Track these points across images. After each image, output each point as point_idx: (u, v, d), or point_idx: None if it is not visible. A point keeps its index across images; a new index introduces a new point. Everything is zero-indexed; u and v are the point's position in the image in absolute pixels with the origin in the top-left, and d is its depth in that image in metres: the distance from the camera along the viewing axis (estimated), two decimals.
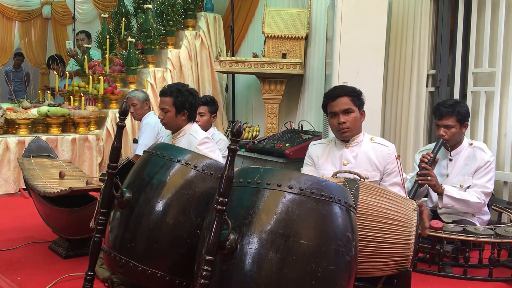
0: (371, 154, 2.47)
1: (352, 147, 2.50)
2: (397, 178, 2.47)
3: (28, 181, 3.07)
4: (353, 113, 2.46)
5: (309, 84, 5.23)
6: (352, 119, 2.45)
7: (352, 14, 3.97)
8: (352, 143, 2.51)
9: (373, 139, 2.53)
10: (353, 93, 2.47)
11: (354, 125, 2.47)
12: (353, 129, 2.48)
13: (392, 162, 2.47)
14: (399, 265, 1.93)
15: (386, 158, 2.46)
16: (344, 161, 2.49)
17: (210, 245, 1.46)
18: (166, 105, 2.81)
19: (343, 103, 2.45)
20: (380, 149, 2.48)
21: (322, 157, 2.57)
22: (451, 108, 3.00)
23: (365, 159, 2.47)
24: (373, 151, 2.48)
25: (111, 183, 1.91)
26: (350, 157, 2.49)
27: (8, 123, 4.77)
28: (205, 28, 6.03)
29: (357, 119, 2.48)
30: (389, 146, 2.50)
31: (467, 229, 2.73)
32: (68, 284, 2.48)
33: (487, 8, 3.80)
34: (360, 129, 2.54)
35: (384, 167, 2.47)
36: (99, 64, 5.85)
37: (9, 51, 8.85)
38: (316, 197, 1.54)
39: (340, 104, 2.45)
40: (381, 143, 2.51)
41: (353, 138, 2.51)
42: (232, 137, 1.50)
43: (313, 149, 2.64)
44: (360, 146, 2.50)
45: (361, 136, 2.53)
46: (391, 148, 2.49)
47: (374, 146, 2.49)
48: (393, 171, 2.47)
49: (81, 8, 8.51)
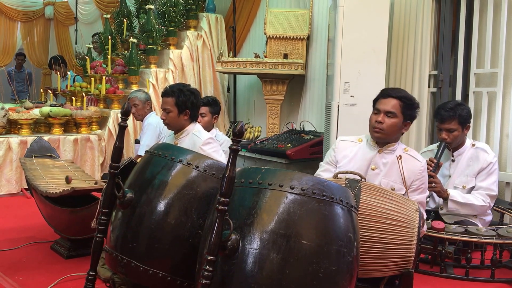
0: (402, 166, 2.34)
1: (385, 153, 2.40)
2: (421, 195, 2.36)
3: (30, 181, 3.08)
4: (395, 119, 2.34)
5: (311, 84, 5.23)
6: (390, 123, 2.34)
7: (354, 14, 3.97)
8: (385, 149, 2.40)
9: (406, 150, 2.41)
10: (406, 100, 2.36)
11: (390, 129, 2.35)
12: (387, 134, 2.36)
13: (421, 179, 2.36)
14: (401, 266, 1.93)
15: (417, 174, 2.35)
16: (373, 165, 2.39)
17: (211, 245, 1.46)
18: (168, 105, 2.81)
19: (390, 105, 2.35)
20: (412, 163, 2.36)
21: (349, 156, 2.45)
22: (452, 112, 2.98)
23: (396, 170, 2.35)
24: (405, 163, 2.35)
25: (113, 183, 1.91)
26: (380, 163, 2.39)
27: (10, 123, 4.78)
28: (207, 29, 6.04)
29: (396, 126, 2.35)
30: (422, 162, 2.38)
31: (469, 230, 2.72)
32: (70, 284, 2.48)
33: (489, 9, 3.79)
34: (396, 138, 2.41)
35: (412, 181, 2.35)
36: (101, 64, 5.86)
37: (11, 51, 8.87)
38: (318, 198, 1.54)
39: (387, 104, 2.36)
40: (415, 156, 2.39)
41: (388, 145, 2.41)
42: (234, 138, 1.50)
43: (342, 146, 2.50)
44: (393, 155, 2.39)
45: (396, 145, 2.42)
46: (423, 164, 2.37)
47: (407, 159, 2.37)
48: (419, 188, 2.36)
49: (83, 8, 8.53)
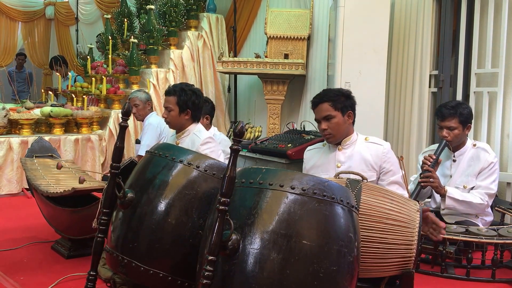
0: (366, 154, 2.43)
1: (345, 149, 2.47)
2: (395, 176, 2.43)
3: (31, 181, 3.08)
4: (334, 119, 2.41)
5: (311, 84, 5.23)
6: (333, 125, 2.41)
7: (355, 14, 3.97)
8: (344, 145, 2.47)
9: (367, 139, 2.49)
10: (333, 97, 2.42)
11: (336, 130, 2.42)
12: (336, 134, 2.44)
13: (388, 160, 2.43)
14: (401, 266, 1.92)
15: (382, 157, 2.42)
16: (337, 163, 2.46)
17: (212, 245, 1.46)
18: (170, 104, 2.82)
19: (323, 110, 2.42)
20: (375, 148, 2.44)
21: (317, 163, 2.54)
22: (453, 110, 2.99)
23: (360, 159, 2.43)
24: (368, 150, 2.44)
25: (113, 183, 1.91)
26: (343, 158, 2.45)
27: (11, 123, 4.78)
28: (208, 29, 6.04)
29: (340, 124, 2.42)
30: (384, 145, 2.45)
31: (470, 230, 2.72)
32: (70, 284, 2.48)
33: (490, 9, 3.79)
34: (349, 131, 2.48)
35: (380, 166, 2.43)
36: (102, 64, 5.87)
37: (12, 51, 8.89)
38: (318, 198, 1.54)
39: (320, 111, 2.43)
40: (376, 142, 2.47)
41: (344, 140, 2.48)
42: (235, 138, 1.50)
43: (308, 155, 2.62)
44: (354, 147, 2.46)
45: (354, 136, 2.49)
46: (386, 147, 2.45)
47: (368, 146, 2.45)
48: (390, 170, 2.43)
49: (84, 8, 8.54)
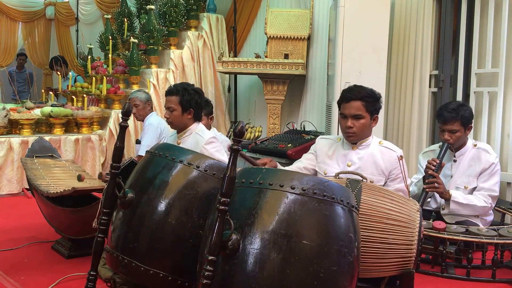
0: (378, 158, 2.41)
1: (359, 149, 2.45)
2: (401, 184, 2.42)
3: (31, 181, 3.09)
4: (363, 119, 2.38)
5: (312, 84, 5.23)
6: (360, 125, 2.38)
7: (355, 14, 3.96)
8: (359, 146, 2.45)
9: (381, 142, 2.46)
10: (368, 98, 2.38)
11: (361, 131, 2.40)
12: (359, 135, 2.41)
13: (398, 167, 2.40)
14: (401, 266, 1.92)
15: (393, 163, 2.40)
16: (348, 162, 2.44)
17: (212, 245, 1.46)
18: (172, 103, 2.80)
19: (355, 108, 2.37)
20: (388, 154, 2.41)
21: (328, 153, 2.51)
22: (455, 113, 2.96)
23: (372, 163, 2.41)
24: (380, 154, 2.41)
25: (114, 183, 1.92)
26: (355, 159, 2.44)
27: (11, 123, 4.79)
28: (208, 29, 6.04)
29: (366, 125, 2.40)
30: (397, 151, 2.42)
31: (470, 230, 2.72)
32: (71, 283, 2.48)
33: (490, 9, 3.79)
34: (369, 133, 2.45)
35: (389, 172, 2.41)
36: (102, 64, 5.87)
37: (12, 52, 8.88)
38: (319, 198, 1.54)
39: (352, 108, 2.37)
40: (389, 147, 2.44)
41: (361, 141, 2.45)
42: (235, 138, 1.50)
43: (321, 143, 2.57)
44: (367, 149, 2.44)
45: (370, 139, 2.47)
46: (398, 153, 2.41)
47: (382, 150, 2.43)
48: (398, 177, 2.42)
49: (84, 9, 8.53)
